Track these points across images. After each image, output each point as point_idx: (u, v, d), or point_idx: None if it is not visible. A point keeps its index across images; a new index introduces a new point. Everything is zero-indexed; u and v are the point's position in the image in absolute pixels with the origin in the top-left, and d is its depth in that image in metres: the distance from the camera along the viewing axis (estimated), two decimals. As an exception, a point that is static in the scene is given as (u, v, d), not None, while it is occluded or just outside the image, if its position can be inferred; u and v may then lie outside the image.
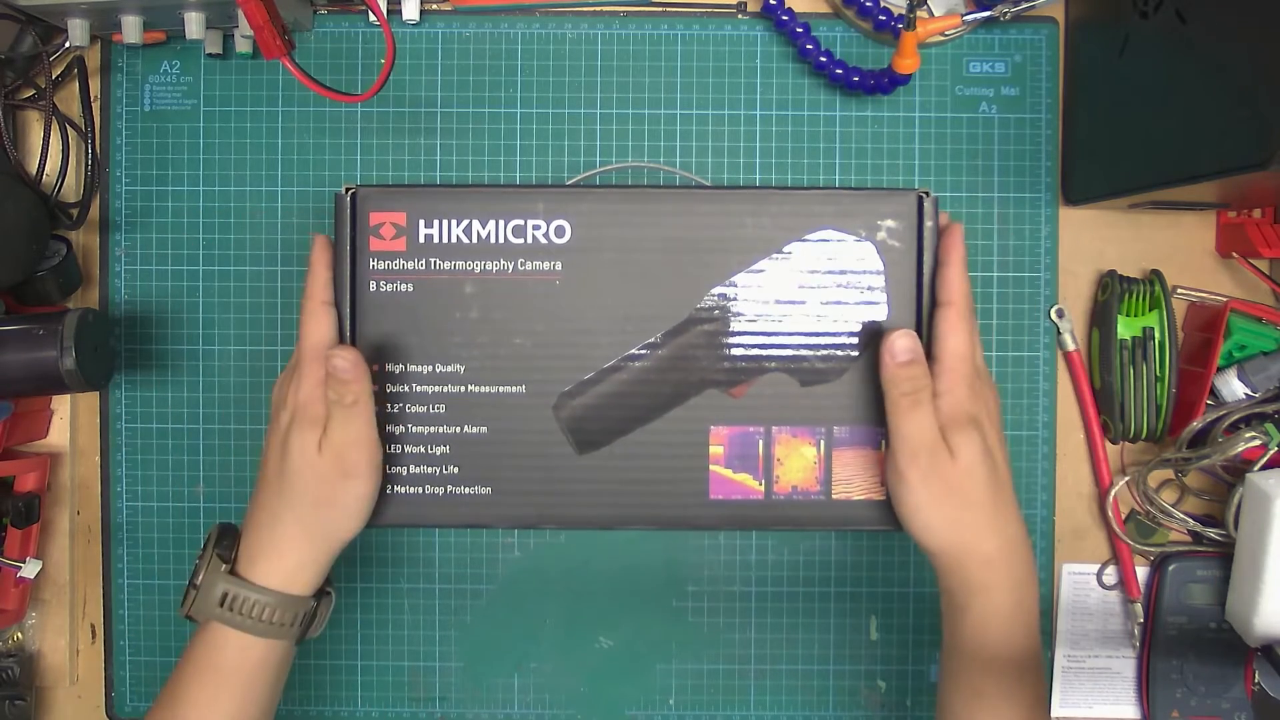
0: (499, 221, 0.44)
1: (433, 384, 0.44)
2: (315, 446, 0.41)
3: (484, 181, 0.57)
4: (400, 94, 0.57)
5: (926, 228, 0.43)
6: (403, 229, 0.44)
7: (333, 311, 0.43)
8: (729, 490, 0.45)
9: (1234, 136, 0.42)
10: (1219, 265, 0.58)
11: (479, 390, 0.44)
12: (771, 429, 0.44)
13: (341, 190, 0.43)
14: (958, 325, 0.41)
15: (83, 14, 0.51)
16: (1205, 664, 0.57)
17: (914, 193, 0.43)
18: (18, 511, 0.53)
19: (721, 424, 0.44)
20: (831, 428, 0.44)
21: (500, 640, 0.58)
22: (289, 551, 0.42)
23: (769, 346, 0.44)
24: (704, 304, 0.44)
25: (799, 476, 0.44)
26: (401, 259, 0.44)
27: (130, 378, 0.58)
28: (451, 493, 0.45)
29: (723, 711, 0.59)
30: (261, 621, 0.41)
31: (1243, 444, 0.52)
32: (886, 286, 0.44)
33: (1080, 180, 0.56)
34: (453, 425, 0.44)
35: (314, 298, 0.43)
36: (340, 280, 0.44)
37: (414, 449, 0.44)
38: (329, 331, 0.43)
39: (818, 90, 0.57)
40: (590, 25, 0.57)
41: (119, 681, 0.59)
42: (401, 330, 0.44)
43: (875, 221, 0.44)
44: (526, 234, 0.44)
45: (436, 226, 0.44)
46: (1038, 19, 0.57)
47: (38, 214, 0.51)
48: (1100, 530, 0.59)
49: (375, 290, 0.44)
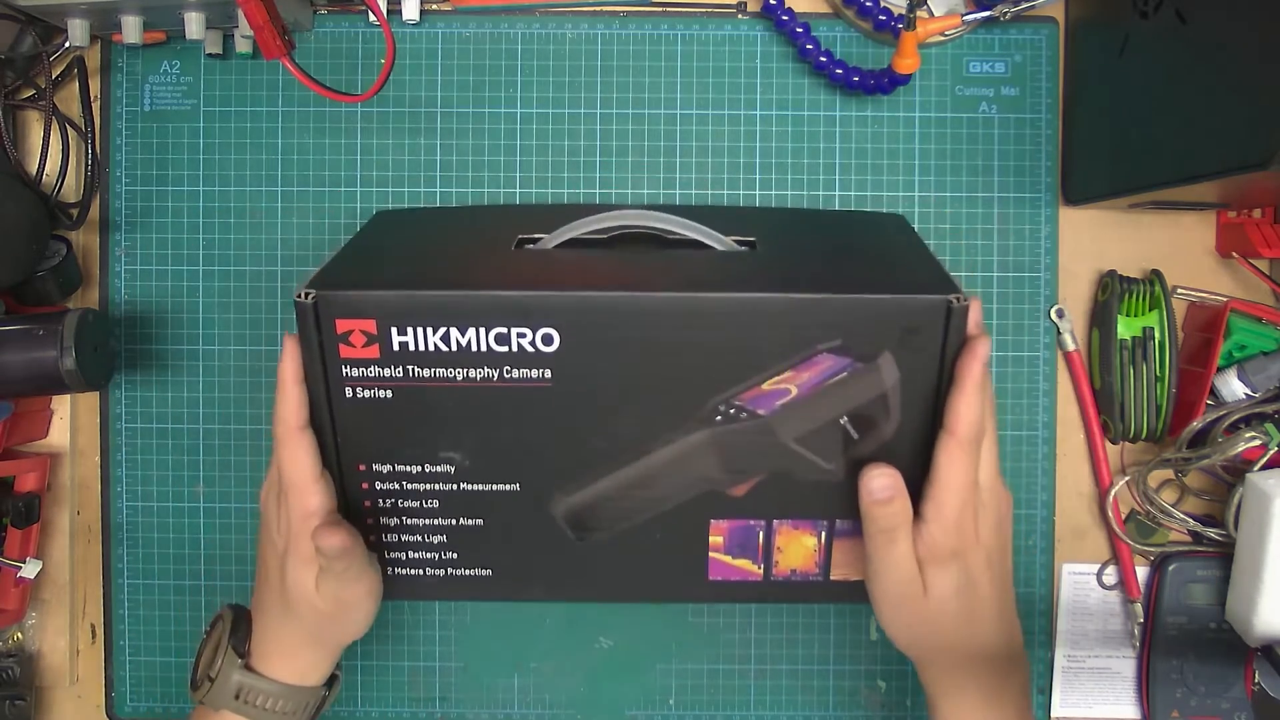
0: (479, 330, 0.39)
1: (423, 482, 0.42)
2: (312, 584, 0.41)
3: (481, 194, 0.56)
4: (400, 94, 0.57)
5: (951, 340, 0.38)
6: (374, 336, 0.39)
7: (310, 435, 0.40)
8: (728, 573, 0.44)
9: (1234, 136, 0.42)
10: (1219, 265, 0.58)
11: (472, 488, 0.42)
12: (773, 522, 0.43)
13: (300, 294, 0.38)
14: (956, 456, 0.39)
15: (83, 14, 0.51)
16: (1205, 664, 0.57)
17: (943, 298, 0.38)
18: (18, 511, 0.53)
19: (722, 518, 0.43)
20: (834, 520, 0.43)
21: (500, 640, 0.58)
22: (298, 655, 0.44)
23: (771, 448, 0.41)
24: (705, 410, 0.40)
25: (798, 562, 0.44)
26: (376, 366, 0.39)
27: (130, 378, 0.58)
28: (452, 574, 0.44)
29: (723, 711, 0.59)
30: (273, 713, 0.43)
31: (1243, 444, 0.52)
32: (899, 397, 0.40)
33: (1080, 180, 0.56)
34: (448, 518, 0.43)
35: (286, 422, 0.39)
36: (314, 383, 0.40)
37: (410, 538, 0.43)
38: (309, 460, 0.40)
39: (818, 90, 0.57)
40: (590, 25, 0.57)
41: (119, 681, 0.59)
42: (384, 434, 0.41)
43: (895, 328, 0.39)
44: (510, 342, 0.39)
45: (411, 335, 0.39)
46: (1038, 19, 0.57)
47: (38, 214, 0.51)
48: (1100, 530, 0.59)
49: (352, 397, 0.40)
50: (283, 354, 0.39)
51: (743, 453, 0.41)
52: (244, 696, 0.43)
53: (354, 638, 0.45)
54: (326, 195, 0.57)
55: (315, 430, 0.41)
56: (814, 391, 0.40)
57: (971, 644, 0.42)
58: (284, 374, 0.39)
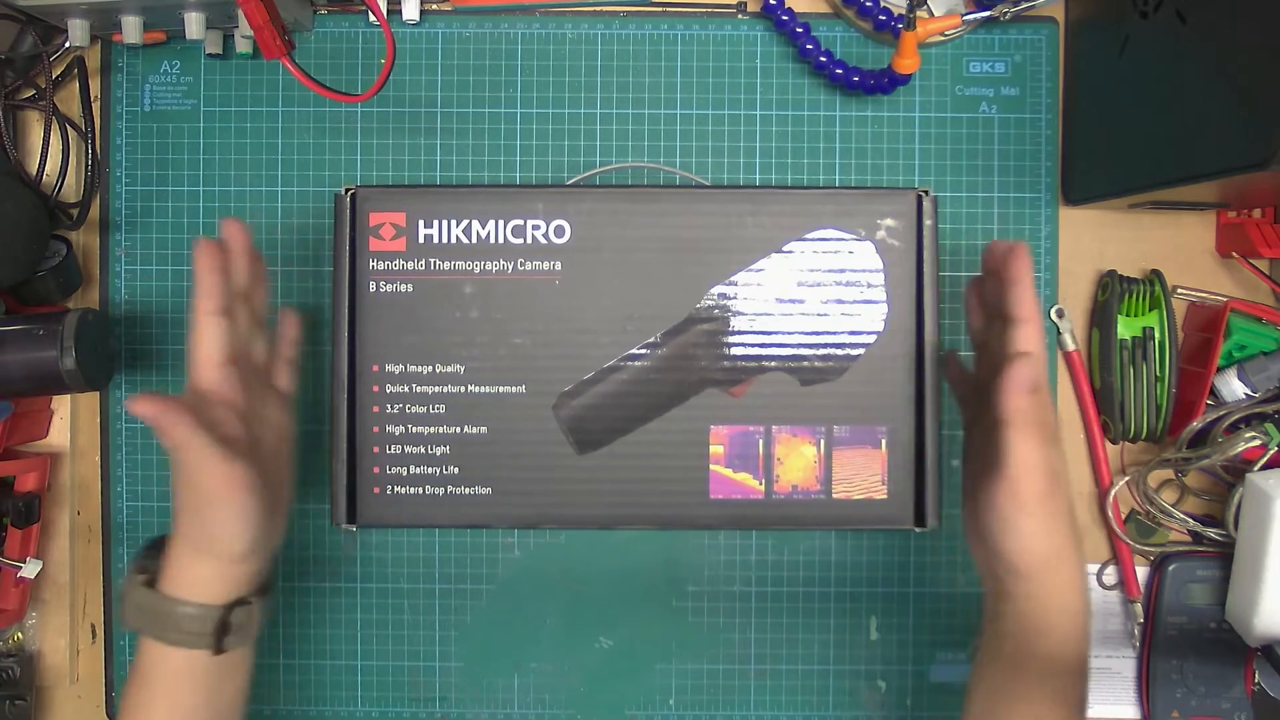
0: (498, 222, 0.43)
1: (432, 384, 0.44)
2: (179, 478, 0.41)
3: (484, 182, 0.57)
4: (400, 94, 0.57)
5: (926, 226, 0.43)
6: (402, 229, 0.44)
7: (221, 321, 0.42)
8: (729, 490, 0.44)
9: (1234, 136, 0.42)
10: (1219, 265, 0.58)
11: (479, 390, 0.44)
12: (771, 428, 0.44)
13: (341, 191, 0.43)
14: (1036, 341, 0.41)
15: (83, 14, 0.51)
16: (1205, 664, 0.57)
17: (913, 192, 0.44)
18: (18, 511, 0.53)
19: (721, 424, 0.44)
20: (831, 427, 0.44)
21: (500, 640, 0.58)
22: (188, 565, 0.42)
23: (769, 346, 0.44)
24: (704, 303, 0.44)
25: (799, 476, 0.44)
26: (401, 259, 0.44)
27: (130, 378, 0.58)
28: (452, 493, 0.45)
29: (723, 711, 0.59)
30: (183, 633, 0.42)
31: (1243, 444, 0.52)
32: (886, 285, 0.44)
33: (1080, 180, 0.56)
34: (453, 425, 0.44)
35: (198, 308, 0.42)
36: (340, 280, 0.44)
37: (414, 449, 0.44)
38: (212, 345, 0.42)
39: (818, 90, 0.57)
40: (590, 25, 0.57)
41: (119, 682, 0.59)
42: (401, 330, 0.44)
43: (874, 221, 0.44)
44: (526, 234, 0.44)
45: (436, 227, 0.44)
46: (1038, 19, 0.57)
47: (38, 214, 0.51)
48: (1100, 530, 0.59)
49: (375, 291, 0.44)
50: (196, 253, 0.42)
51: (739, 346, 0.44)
52: (142, 615, 0.42)
53: (232, 542, 0.42)
54: (326, 195, 0.57)
55: (334, 332, 0.44)
56: None
57: (1078, 550, 0.42)
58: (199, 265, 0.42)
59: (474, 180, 0.57)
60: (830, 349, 0.44)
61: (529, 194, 0.44)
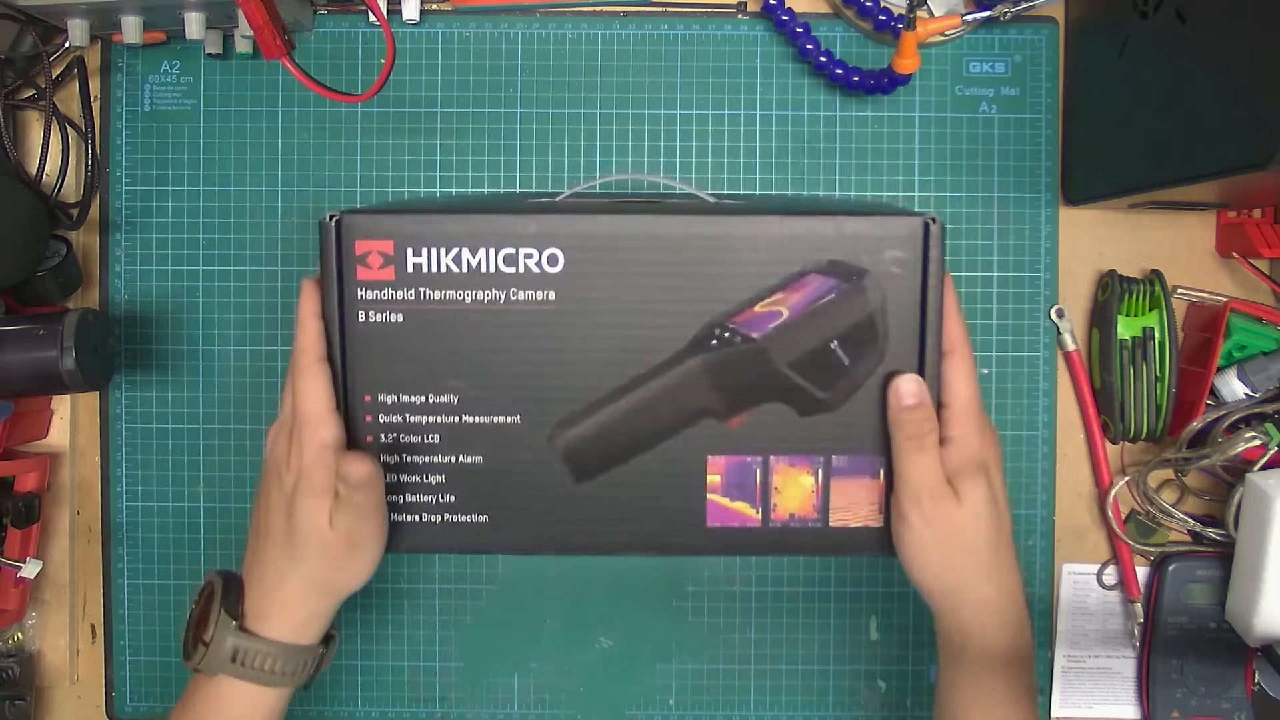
0: (489, 250, 0.42)
1: (426, 414, 0.43)
2: (325, 518, 0.41)
3: (484, 183, 0.57)
4: (400, 94, 0.57)
5: (931, 257, 0.42)
6: (390, 258, 0.42)
7: (327, 369, 0.42)
8: (726, 518, 0.44)
9: (1234, 136, 0.42)
10: (1219, 265, 0.58)
11: (473, 420, 0.43)
12: (769, 458, 0.44)
13: (325, 217, 0.42)
14: (963, 371, 0.42)
15: (83, 14, 0.51)
16: (1205, 664, 0.57)
17: (920, 218, 0.41)
18: (18, 511, 0.53)
19: (719, 453, 0.43)
20: (830, 457, 0.44)
21: (500, 640, 0.58)
22: (299, 607, 0.43)
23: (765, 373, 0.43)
24: (700, 333, 0.43)
25: (796, 504, 0.44)
26: (390, 288, 0.42)
27: (130, 378, 0.58)
28: (449, 521, 0.44)
29: (723, 711, 0.59)
30: (273, 673, 0.42)
31: (1243, 444, 0.52)
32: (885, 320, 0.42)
33: (1080, 180, 0.56)
34: (448, 455, 0.43)
35: (307, 354, 0.41)
36: (328, 309, 0.42)
37: (409, 478, 0.44)
38: (325, 391, 0.41)
39: (818, 90, 0.57)
40: (590, 25, 0.57)
41: (119, 682, 0.59)
42: (393, 360, 0.43)
43: (878, 248, 0.42)
44: (518, 263, 0.42)
45: (425, 255, 0.42)
46: (1038, 19, 0.57)
47: (38, 214, 0.51)
48: (1100, 530, 0.59)
49: (365, 320, 0.42)
50: (301, 295, 0.42)
51: (738, 378, 0.43)
52: (240, 659, 0.42)
53: (356, 584, 0.43)
54: (326, 195, 0.57)
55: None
56: (804, 312, 0.42)
57: (1004, 580, 0.42)
58: (303, 310, 0.41)
59: (474, 180, 0.57)
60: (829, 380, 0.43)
61: (521, 218, 0.42)
